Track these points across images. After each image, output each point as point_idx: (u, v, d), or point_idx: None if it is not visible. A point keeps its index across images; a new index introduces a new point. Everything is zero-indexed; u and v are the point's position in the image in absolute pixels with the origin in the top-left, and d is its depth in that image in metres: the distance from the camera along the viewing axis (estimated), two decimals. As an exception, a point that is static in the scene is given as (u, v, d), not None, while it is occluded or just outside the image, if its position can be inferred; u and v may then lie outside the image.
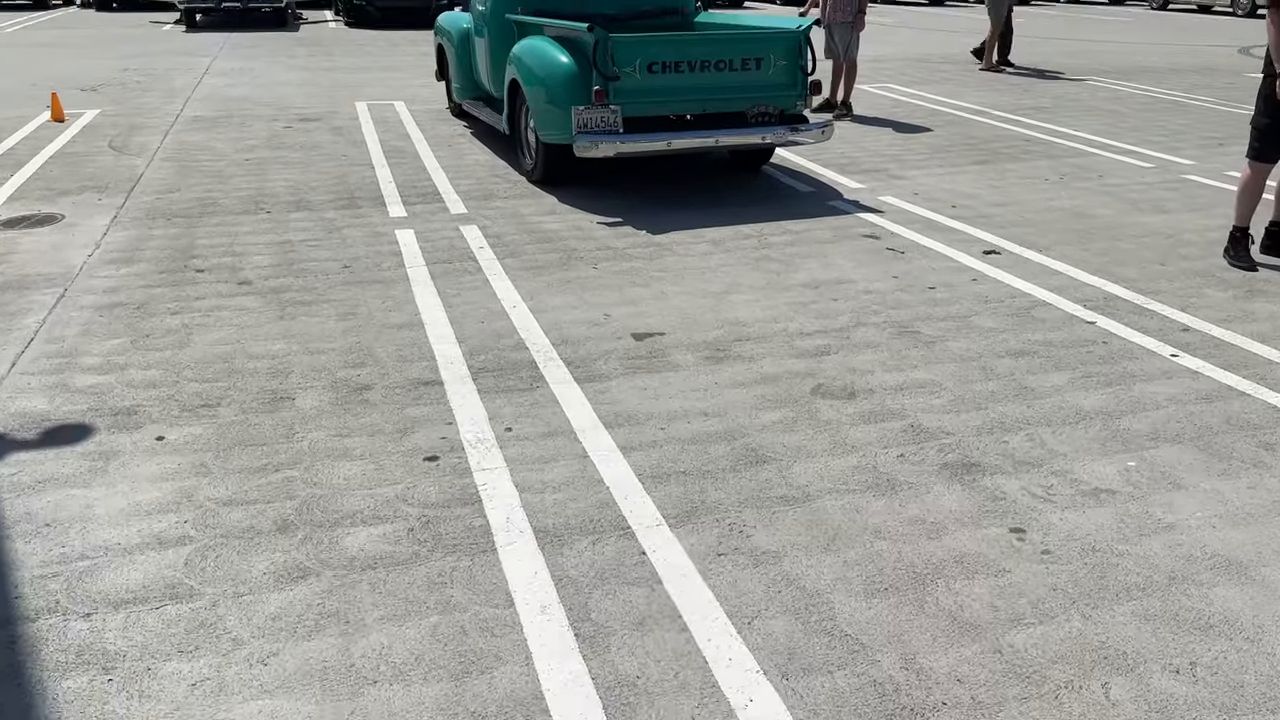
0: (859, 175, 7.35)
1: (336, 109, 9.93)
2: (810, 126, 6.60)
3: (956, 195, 6.75)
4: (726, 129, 6.40)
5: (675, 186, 6.99)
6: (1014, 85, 11.99)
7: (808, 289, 4.88)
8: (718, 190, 6.91)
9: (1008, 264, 5.27)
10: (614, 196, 6.68)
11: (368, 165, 7.54)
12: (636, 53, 6.17)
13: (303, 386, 3.74)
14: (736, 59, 6.41)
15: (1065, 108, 10.34)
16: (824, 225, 6.02)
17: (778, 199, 6.69)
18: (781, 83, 6.55)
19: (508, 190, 6.86)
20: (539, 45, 6.72)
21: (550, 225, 6.03)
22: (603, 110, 6.13)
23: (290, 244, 5.56)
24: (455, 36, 8.81)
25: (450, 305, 4.64)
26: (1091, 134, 8.92)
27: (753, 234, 5.84)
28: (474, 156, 7.93)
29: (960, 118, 9.76)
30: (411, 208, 6.38)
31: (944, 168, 7.60)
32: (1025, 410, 3.58)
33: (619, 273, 5.13)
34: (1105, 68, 13.76)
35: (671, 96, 6.33)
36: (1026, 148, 8.34)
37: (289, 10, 19.20)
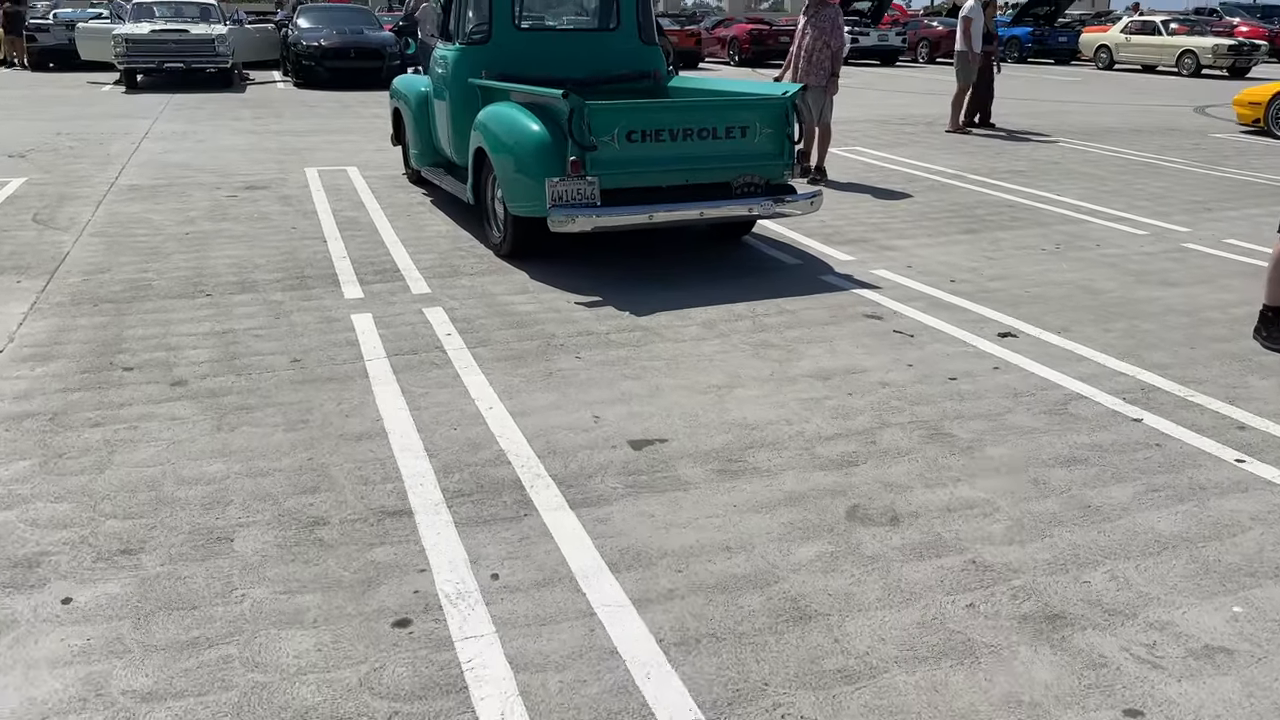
0: (846, 246, 6.93)
1: (285, 176, 9.36)
2: (798, 197, 6.18)
3: (953, 268, 6.35)
4: (711, 201, 5.95)
5: (653, 260, 6.51)
6: (983, 147, 11.79)
7: (817, 381, 4.39)
8: (699, 263, 6.44)
9: (1027, 348, 4.83)
10: (589, 272, 6.18)
11: (319, 239, 6.96)
12: (615, 121, 5.72)
13: (243, 522, 3.14)
14: (720, 127, 5.98)
15: (1042, 171, 10.11)
16: (820, 304, 5.56)
17: (765, 273, 6.23)
18: (767, 152, 6.13)
19: (474, 266, 6.33)
20: (507, 112, 6.24)
21: (524, 306, 5.49)
22: (579, 182, 5.65)
23: (232, 334, 4.95)
24: (413, 100, 8.32)
25: (417, 407, 4.07)
26: (1075, 199, 8.65)
27: (746, 314, 5.36)
28: (435, 227, 7.40)
29: (938, 182, 9.46)
30: (369, 287, 5.82)
31: (933, 237, 7.23)
32: (1096, 537, 3.09)
33: (605, 363, 4.60)
34: (1070, 128, 13.67)
35: (652, 167, 5.87)
36: (1013, 214, 8.01)
37: (235, 70, 18.63)
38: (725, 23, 28.21)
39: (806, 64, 8.95)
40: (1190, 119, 15.19)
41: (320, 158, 10.45)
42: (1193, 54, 23.93)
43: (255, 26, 21.60)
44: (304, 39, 18.32)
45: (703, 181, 6.04)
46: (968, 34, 12.42)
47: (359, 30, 18.90)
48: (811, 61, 8.92)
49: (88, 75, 20.00)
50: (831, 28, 8.82)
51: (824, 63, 8.92)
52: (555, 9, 7.95)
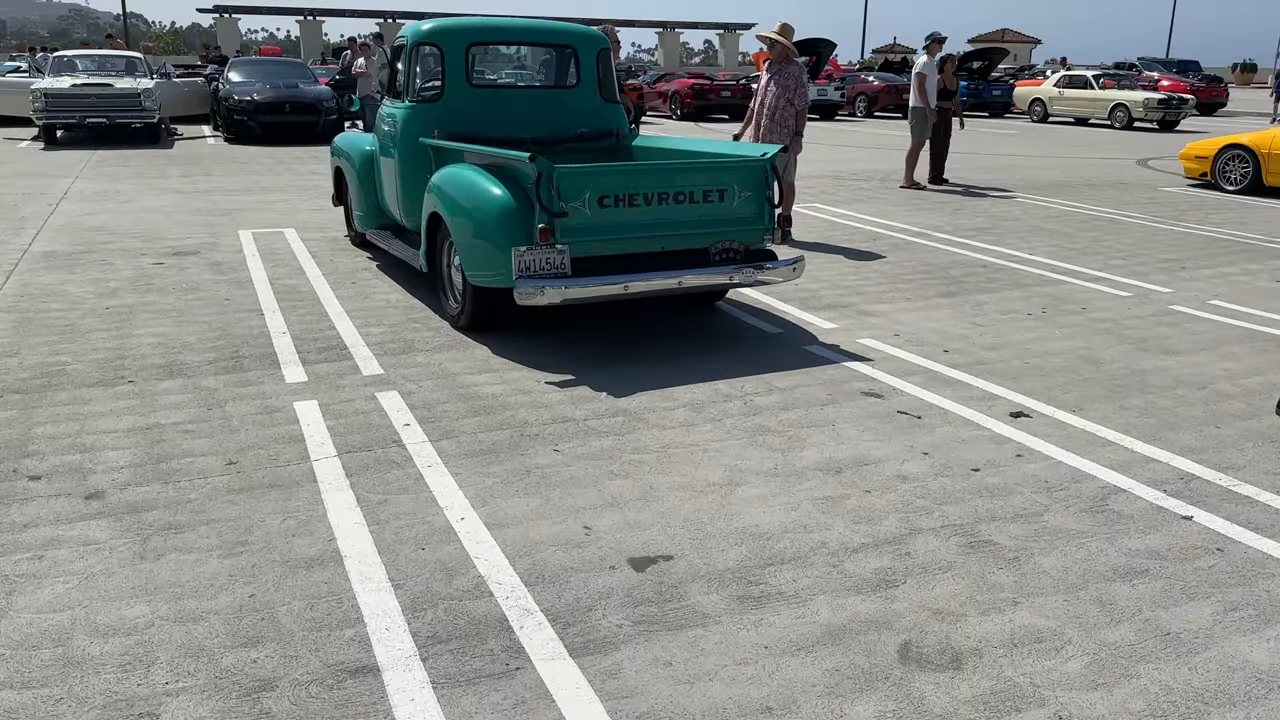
0: (825, 311, 6.54)
1: (216, 240, 8.73)
2: (780, 264, 5.78)
3: (943, 336, 5.98)
4: (689, 269, 5.51)
5: (624, 330, 6.04)
6: (942, 204, 11.62)
7: (828, 475, 3.93)
8: (674, 334, 5.99)
9: (1045, 430, 4.45)
10: (556, 346, 5.69)
11: (256, 311, 6.37)
12: (586, 185, 5.27)
13: (172, 689, 2.55)
14: (697, 190, 5.57)
15: (1006, 228, 9.91)
16: (812, 379, 5.13)
17: (745, 343, 5.80)
18: (747, 216, 5.74)
19: (430, 340, 5.79)
20: (466, 175, 5.76)
21: (489, 388, 4.97)
22: (548, 251, 5.18)
23: (158, 430, 4.34)
24: (357, 160, 7.80)
25: (376, 520, 3.51)
26: (1047, 257, 8.42)
27: (734, 394, 4.90)
28: (383, 296, 6.85)
29: (904, 240, 9.18)
30: (313, 368, 5.24)
31: (912, 301, 6.88)
32: (1189, 676, 2.65)
33: (588, 457, 4.10)
34: (1022, 183, 13.63)
35: (626, 233, 5.42)
36: (989, 275, 7.73)
37: (162, 125, 17.89)
38: (666, 77, 28.20)
39: (769, 122, 8.64)
40: (1135, 172, 15.31)
41: (254, 219, 9.83)
42: (1125, 107, 24.47)
43: (184, 80, 20.90)
44: (236, 93, 17.68)
45: (679, 248, 5.62)
46: (922, 90, 12.31)
47: (294, 84, 18.31)
48: (774, 119, 8.62)
49: (3, 131, 19.07)
50: (796, 85, 8.54)
51: (787, 120, 8.62)
52: (511, 65, 7.55)
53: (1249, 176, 12.48)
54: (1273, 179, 12.23)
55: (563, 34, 7.10)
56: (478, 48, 7.05)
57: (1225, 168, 12.78)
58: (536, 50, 8.12)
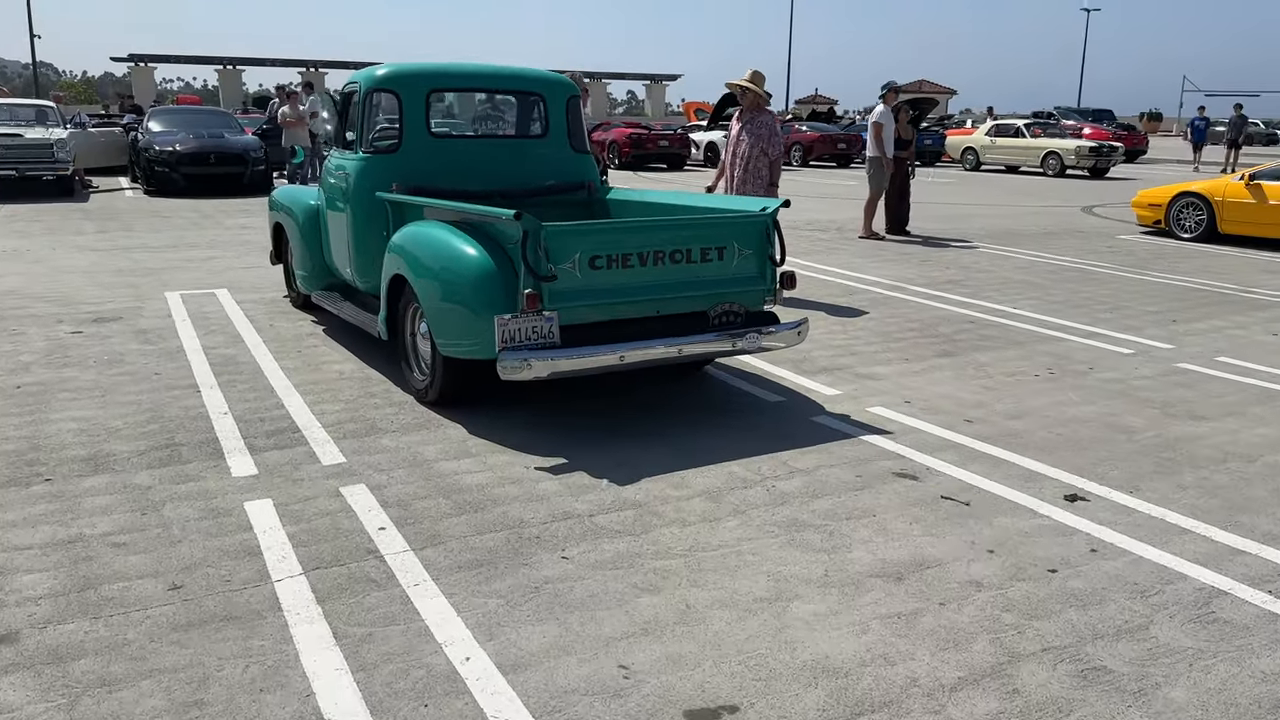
0: (822, 375, 6.06)
1: (141, 303, 7.93)
2: (783, 328, 5.27)
3: (957, 403, 5.53)
4: (687, 335, 4.97)
5: (608, 401, 5.46)
6: (906, 255, 11.32)
7: (889, 583, 3.39)
8: (664, 404, 5.43)
9: (1108, 516, 3.98)
10: (536, 421, 5.08)
11: (191, 387, 5.64)
12: (576, 245, 4.71)
13: None
14: (695, 249, 5.06)
15: (980, 280, 9.61)
16: (834, 458, 4.61)
17: (746, 414, 5.27)
18: (748, 275, 5.23)
19: (394, 418, 5.14)
20: (435, 234, 5.16)
21: (472, 477, 4.34)
22: (535, 319, 4.59)
23: (84, 543, 3.62)
24: (300, 215, 7.13)
25: (362, 665, 2.85)
26: (1032, 311, 8.09)
27: (753, 478, 4.35)
28: (335, 365, 6.16)
29: (881, 295, 8.80)
30: (263, 457, 4.55)
31: (910, 362, 6.44)
32: None
33: (605, 565, 3.49)
34: (978, 232, 13.47)
35: (619, 297, 4.87)
36: (980, 332, 7.35)
37: (76, 178, 16.86)
38: (603, 127, 27.93)
39: (744, 173, 8.22)
40: (1085, 220, 15.32)
41: (182, 279, 9.04)
42: (1057, 155, 24.87)
43: (100, 130, 19.86)
44: (157, 143, 16.76)
45: (676, 312, 5.08)
46: (879, 139, 12.08)
47: (219, 134, 17.47)
48: (749, 170, 8.19)
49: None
50: (769, 134, 8.14)
51: (761, 172, 8.20)
52: (474, 114, 7.01)
53: (1204, 224, 12.48)
54: (1228, 227, 12.24)
55: (529, 80, 6.57)
56: (437, 95, 6.49)
57: (1179, 215, 12.78)
58: (500, 97, 7.59)
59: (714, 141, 28.13)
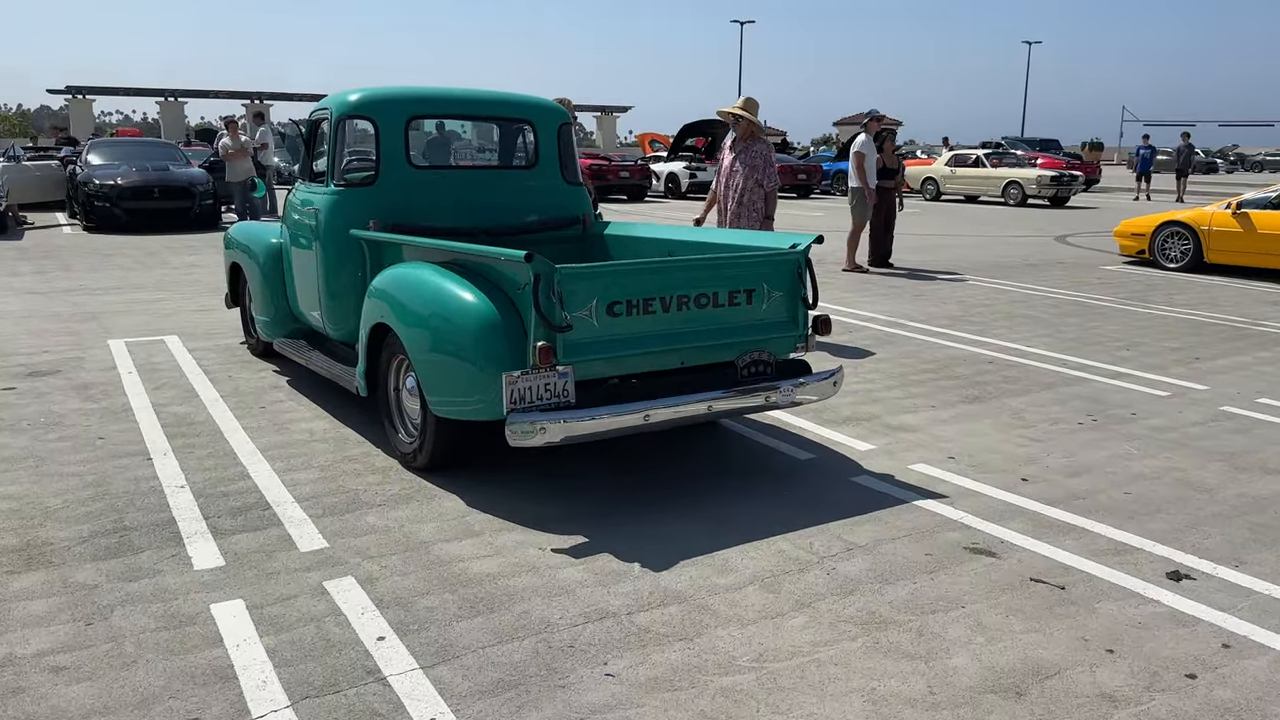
0: (849, 427, 5.50)
1: (82, 354, 7.16)
2: (817, 378, 4.71)
3: (1006, 458, 5.00)
4: (717, 390, 4.38)
5: (618, 460, 4.85)
6: (895, 289, 10.88)
7: (1009, 700, 2.80)
8: (681, 463, 4.83)
9: (1224, 600, 3.45)
10: (540, 486, 4.46)
11: (140, 454, 4.92)
12: (593, 289, 4.11)
13: None
14: (723, 292, 4.48)
15: (981, 316, 9.17)
16: (892, 529, 4.04)
17: (778, 476, 4.69)
18: (778, 320, 4.67)
19: (379, 488, 4.47)
20: (426, 278, 4.54)
21: (480, 564, 3.69)
22: (548, 375, 3.98)
23: (15, 668, 2.91)
24: (261, 255, 6.45)
25: (379, 844, 2.20)
26: (1046, 349, 7.64)
27: (806, 557, 3.76)
28: (305, 425, 5.47)
29: (883, 332, 8.31)
30: (230, 541, 3.87)
31: (939, 409, 5.92)
32: None
33: (660, 685, 2.87)
34: (962, 264, 13.11)
35: (641, 348, 4.27)
36: (1002, 374, 6.87)
37: (9, 214, 15.87)
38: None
39: (737, 206, 7.69)
40: (1062, 250, 15.07)
41: (127, 324, 8.26)
42: (1018, 185, 24.86)
43: (35, 164, 18.85)
44: (97, 176, 15.85)
45: (701, 363, 4.50)
46: (861, 170, 11.68)
47: (163, 166, 16.61)
48: (743, 203, 7.67)
49: None
50: (764, 165, 7.64)
51: (756, 204, 7.68)
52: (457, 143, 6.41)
53: (1190, 254, 12.24)
54: (1214, 256, 12.00)
55: (517, 106, 5.99)
56: (416, 122, 5.87)
57: (1164, 245, 12.53)
58: (485, 125, 6.98)
59: (674, 173, 27.79)
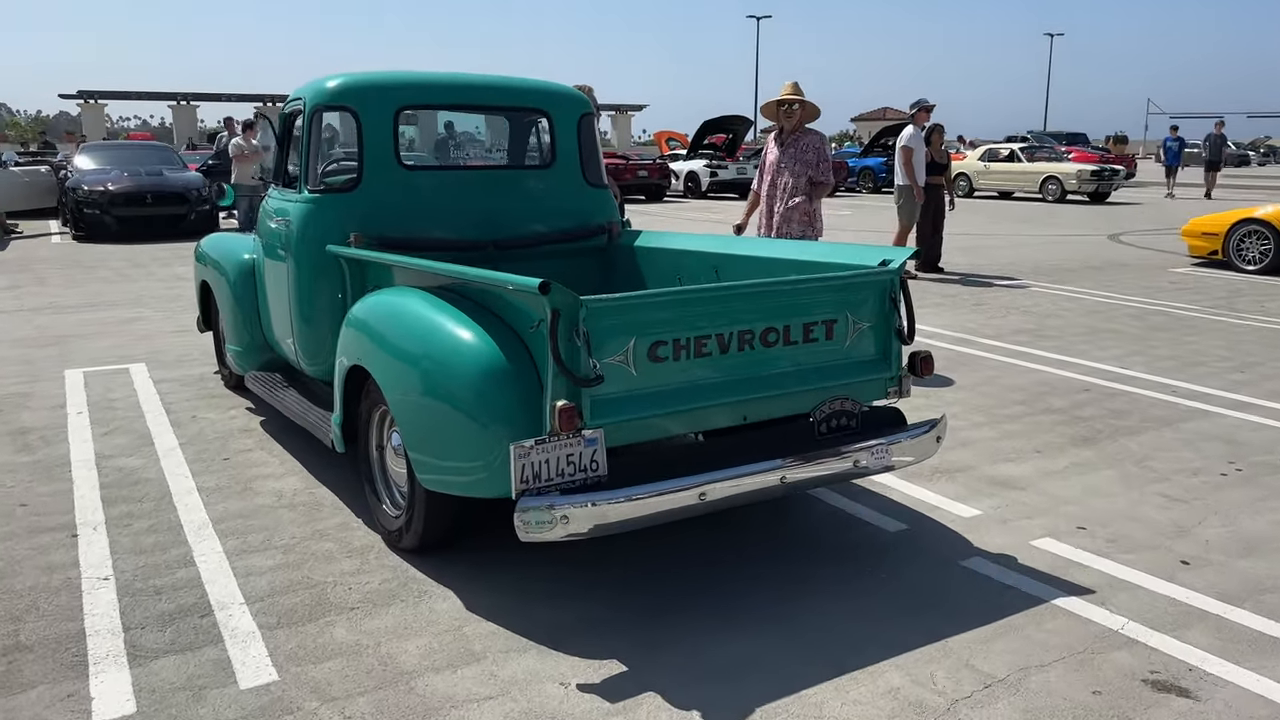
0: (941, 481, 4.47)
1: (31, 387, 6.19)
2: (914, 432, 3.66)
3: (1150, 528, 3.95)
4: (792, 454, 3.34)
5: (646, 538, 3.82)
6: (951, 297, 9.81)
7: None
8: (730, 540, 3.81)
9: None
10: (556, 577, 3.45)
11: (65, 529, 3.94)
12: (632, 326, 3.09)
13: None
14: (796, 324, 3.45)
15: (1058, 330, 8.10)
16: (1036, 648, 3.00)
17: (863, 560, 3.66)
18: (864, 359, 3.64)
19: (353, 580, 3.47)
20: (412, 308, 3.54)
21: (484, 713, 2.68)
22: (571, 444, 2.96)
23: None
24: (232, 272, 5.46)
25: None
26: (1148, 372, 6.56)
27: (931, 699, 2.72)
28: (273, 483, 4.48)
29: (953, 352, 7.25)
30: (148, 670, 2.87)
31: (1045, 454, 4.87)
32: None
33: None
34: (1015, 267, 12.01)
35: (692, 402, 3.24)
36: (1107, 404, 5.80)
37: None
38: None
39: (786, 209, 6.65)
40: (1119, 250, 13.94)
41: (92, 350, 7.29)
42: (1057, 180, 23.67)
43: (25, 169, 17.98)
44: (85, 182, 14.94)
45: (769, 417, 3.47)
46: (909, 165, 10.61)
47: (157, 171, 15.69)
48: (791, 207, 6.63)
49: None
50: (818, 159, 6.57)
51: (807, 210, 6.63)
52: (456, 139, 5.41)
53: (1270, 254, 11.11)
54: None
55: (530, 93, 4.98)
56: (408, 113, 4.87)
57: (1241, 245, 11.41)
58: (494, 118, 5.97)
59: (694, 171, 26.76)
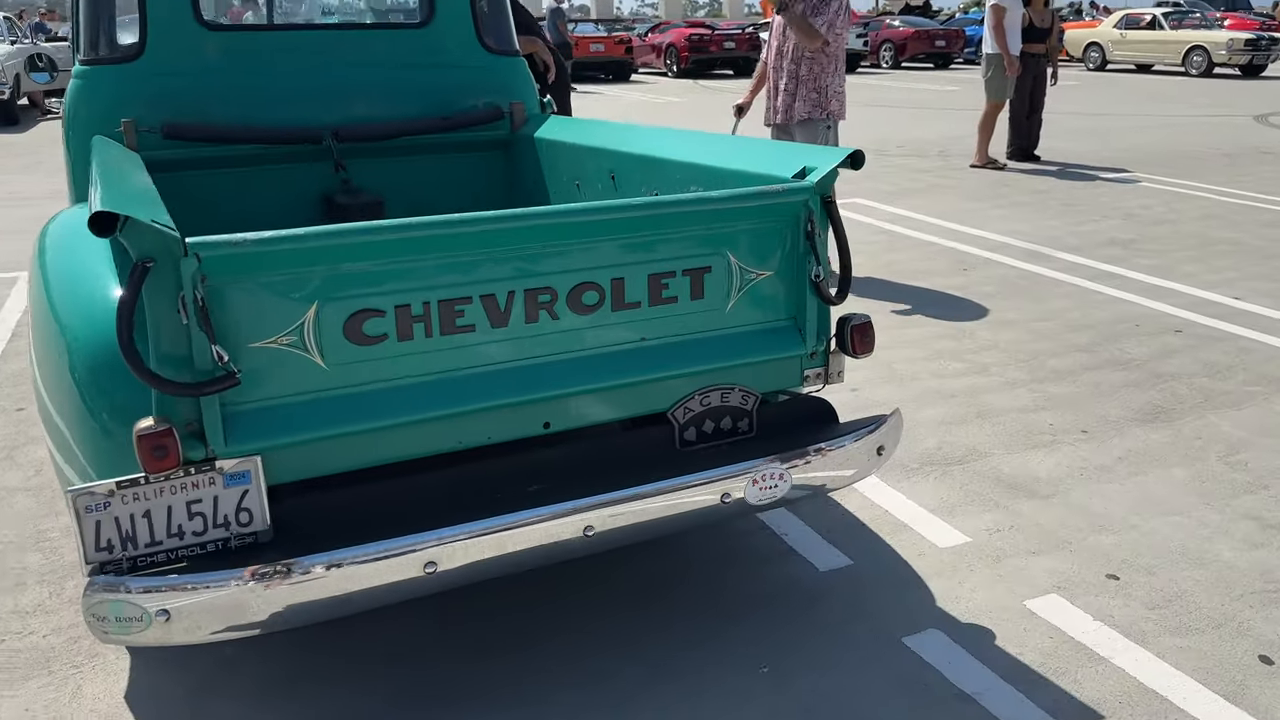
0: (928, 479, 3.14)
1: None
2: (843, 438, 2.34)
3: (1227, 589, 2.58)
4: (616, 484, 2.08)
5: (453, 601, 2.63)
6: (1040, 194, 8.09)
7: None
8: (556, 575, 2.60)
9: None
10: (284, 679, 2.31)
11: None
12: (302, 283, 1.84)
13: None
14: (634, 276, 2.13)
15: (1161, 240, 6.42)
16: None
17: (753, 631, 2.41)
18: (762, 326, 2.30)
19: (13, 638, 2.43)
20: (70, 239, 2.37)
21: None
22: (195, 484, 1.78)
23: None
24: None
25: None
26: (1271, 307, 4.95)
27: None
28: None
29: (1014, 270, 5.72)
30: None
31: (1094, 435, 3.46)
32: None
33: None
34: (1132, 156, 10.05)
35: (436, 406, 1.99)
36: (1201, 355, 4.28)
37: (27, 101, 14.33)
38: (660, 28, 24.49)
39: (791, 81, 5.17)
40: (1265, 134, 11.70)
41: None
42: (1203, 50, 20.67)
43: (54, 44, 17.30)
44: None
45: (590, 424, 2.20)
46: (999, 29, 8.73)
47: None
48: (798, 81, 5.14)
49: None
50: (836, 16, 5.05)
51: (823, 79, 5.14)
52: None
53: None
54: None
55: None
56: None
57: None
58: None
59: (789, 43, 24.52)
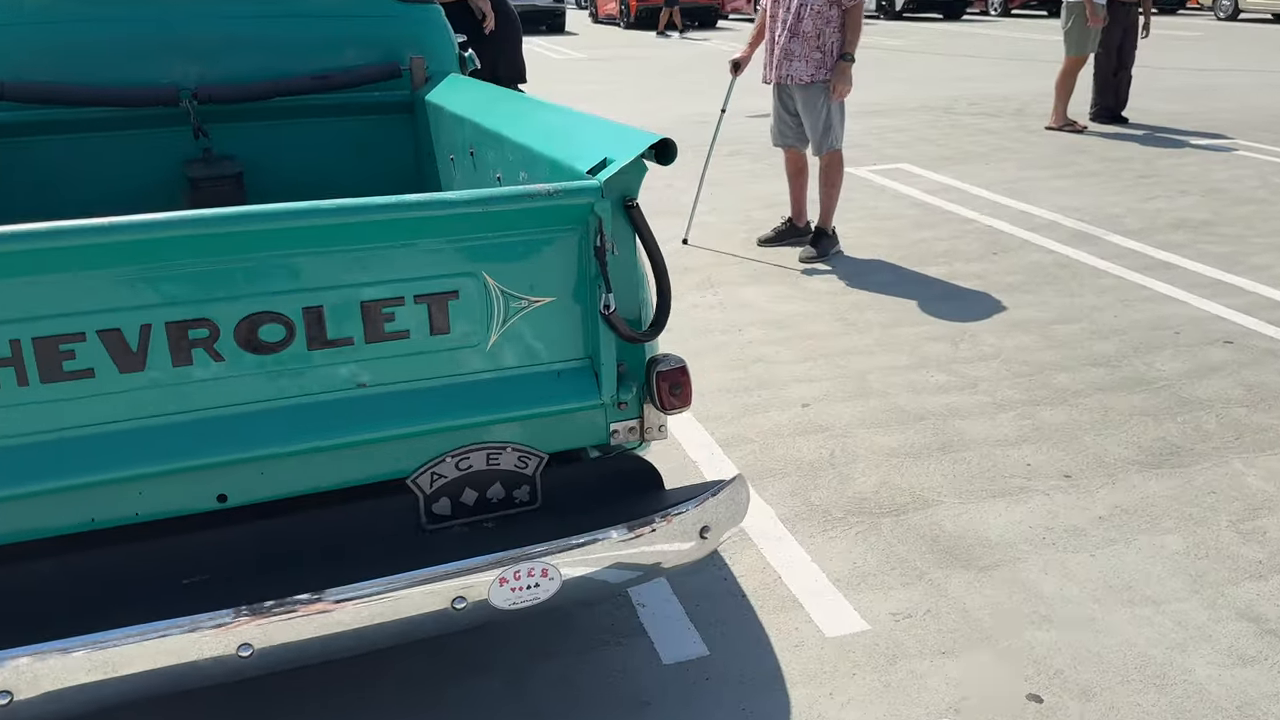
0: (851, 528, 2.54)
1: None
2: (649, 519, 1.75)
3: None
4: (310, 579, 1.58)
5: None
6: (1115, 163, 7.14)
7: None
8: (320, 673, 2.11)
9: None
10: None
11: None
12: None
13: None
14: (344, 303, 1.59)
15: (1238, 222, 5.50)
16: None
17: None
18: (547, 369, 1.74)
19: None
20: None
21: None
22: None
23: None
24: None
25: None
26: (1356, 310, 4.10)
27: None
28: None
29: (1051, 255, 4.94)
30: None
31: (1075, 489, 2.80)
32: None
33: None
34: (1237, 120, 8.88)
35: (46, 476, 1.51)
36: (1250, 375, 3.51)
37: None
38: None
39: (788, 37, 4.49)
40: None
41: None
42: (1352, -2, 18.62)
43: None
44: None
45: (278, 495, 1.68)
46: (1082, -27, 7.75)
47: None
48: (797, 35, 4.46)
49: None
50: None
51: (824, 34, 4.44)
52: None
53: None
54: None
55: None
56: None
57: None
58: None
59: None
